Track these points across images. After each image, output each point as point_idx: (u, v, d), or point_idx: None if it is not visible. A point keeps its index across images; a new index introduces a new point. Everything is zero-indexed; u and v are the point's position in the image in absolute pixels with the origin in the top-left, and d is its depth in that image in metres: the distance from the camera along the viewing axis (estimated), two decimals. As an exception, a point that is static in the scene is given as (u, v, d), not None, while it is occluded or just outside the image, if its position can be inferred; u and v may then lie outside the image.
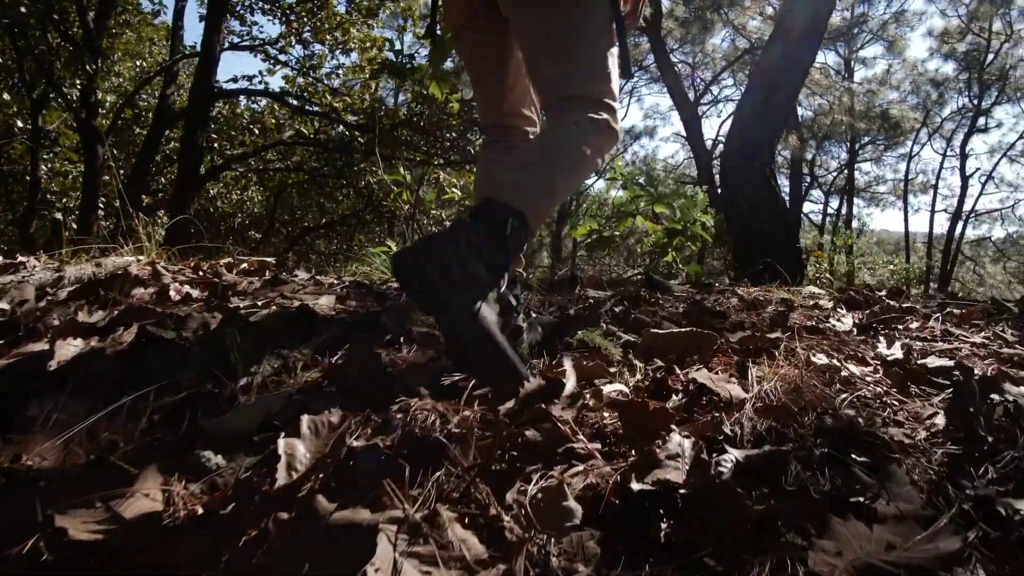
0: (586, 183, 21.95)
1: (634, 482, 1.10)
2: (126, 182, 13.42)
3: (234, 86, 14.94)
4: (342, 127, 14.52)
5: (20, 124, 13.93)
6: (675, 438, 1.24)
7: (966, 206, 25.78)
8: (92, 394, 1.43)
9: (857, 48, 25.12)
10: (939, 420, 1.40)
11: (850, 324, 2.33)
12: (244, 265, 2.86)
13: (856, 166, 28.21)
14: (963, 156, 25.65)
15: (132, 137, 17.24)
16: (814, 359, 1.70)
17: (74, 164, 15.52)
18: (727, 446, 1.24)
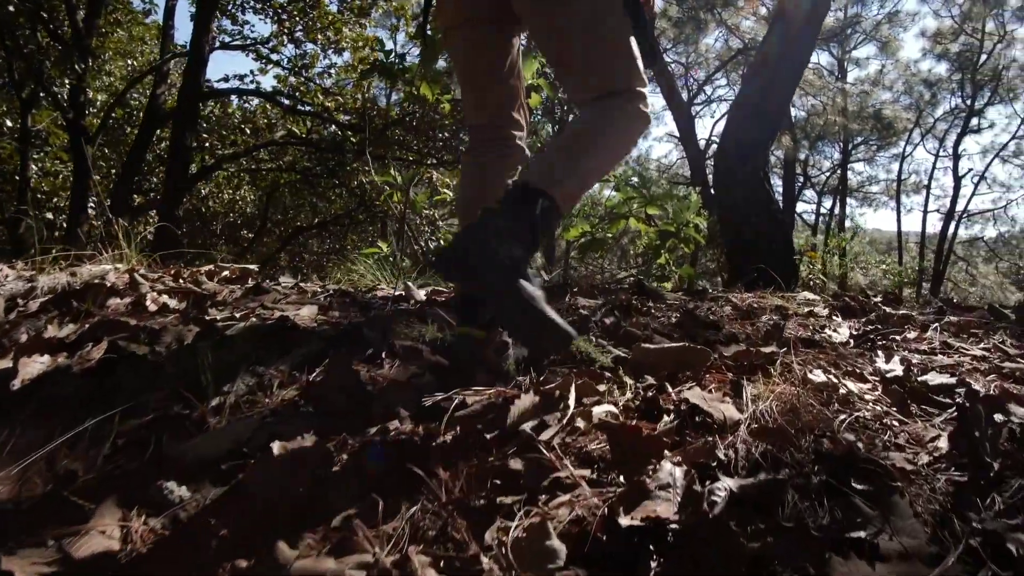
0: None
1: (622, 516, 1.04)
2: (117, 181, 13.34)
3: (225, 85, 14.84)
4: (334, 127, 14.43)
5: (9, 124, 13.81)
6: (666, 466, 1.18)
7: (958, 206, 25.82)
8: (54, 417, 1.36)
9: (850, 48, 25.14)
10: (942, 443, 1.34)
11: (846, 335, 2.27)
12: (226, 272, 2.79)
13: (849, 166, 28.23)
14: (956, 157, 25.67)
15: (123, 137, 17.11)
16: (811, 376, 1.64)
17: (64, 164, 15.40)
18: (721, 474, 1.18)
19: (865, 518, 1.08)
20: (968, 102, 24.80)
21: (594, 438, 1.33)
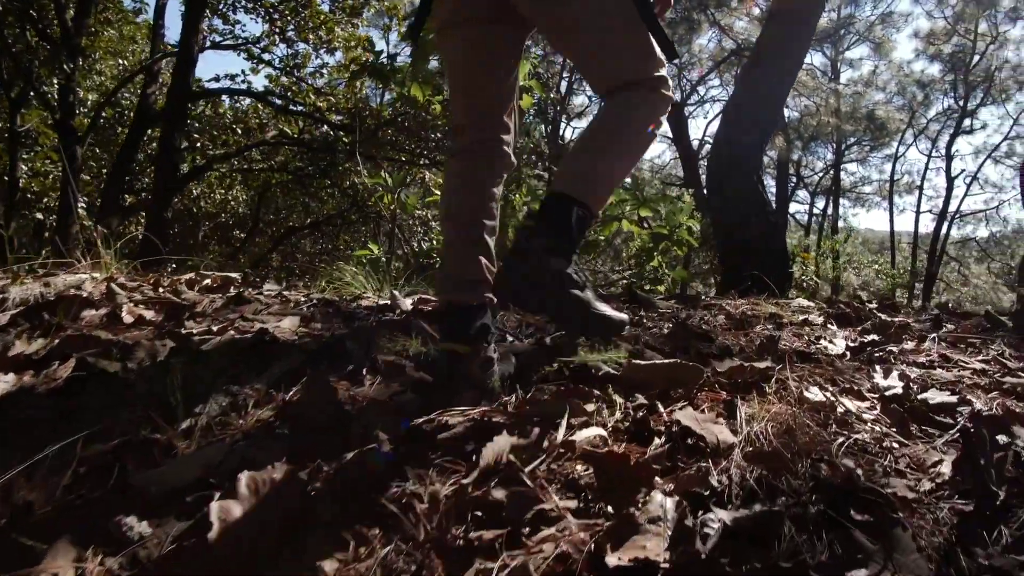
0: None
1: (610, 554, 0.98)
2: (107, 181, 13.23)
3: (216, 85, 14.75)
4: (326, 127, 14.34)
5: (-2, 123, 13.72)
6: (656, 497, 1.12)
7: (951, 207, 25.86)
8: (14, 442, 1.30)
9: (844, 49, 25.13)
10: (945, 468, 1.29)
11: (843, 346, 2.22)
12: (207, 281, 2.71)
13: (842, 167, 28.26)
14: (948, 157, 25.72)
15: (114, 136, 16.99)
16: (807, 394, 1.58)
17: (55, 164, 15.29)
18: (714, 506, 1.12)
19: (866, 553, 1.02)
20: (961, 103, 24.85)
21: (581, 463, 1.28)
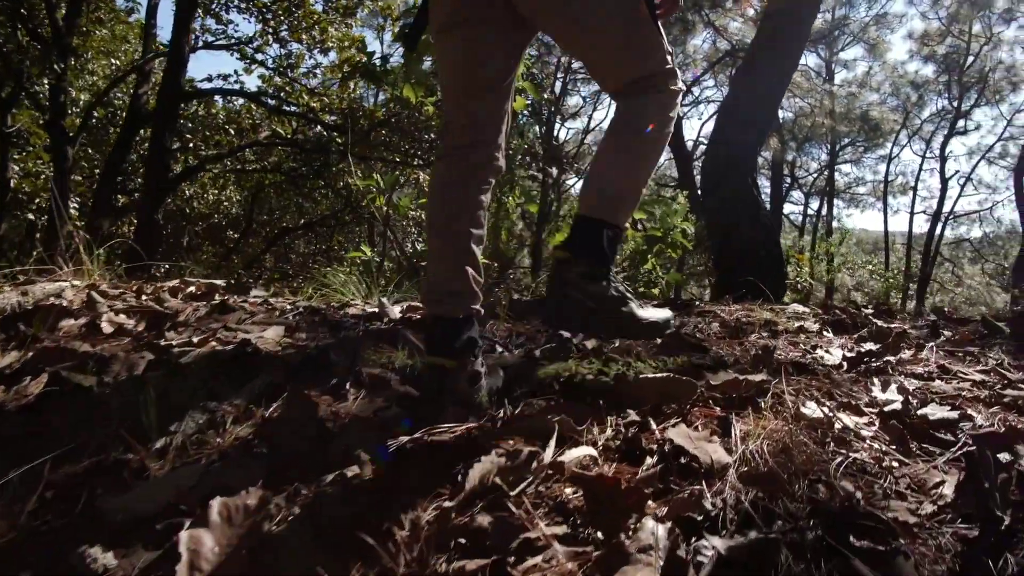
0: (568, 183, 21.82)
1: (598, 588, 0.93)
2: (99, 182, 13.14)
3: (209, 85, 14.66)
4: (319, 127, 14.26)
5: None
6: (648, 524, 1.07)
7: (945, 207, 25.88)
8: (-21, 464, 1.25)
9: (838, 50, 25.13)
10: (947, 490, 1.24)
11: (839, 356, 2.17)
12: (192, 288, 2.66)
13: (836, 167, 28.26)
14: (942, 158, 25.74)
15: (106, 137, 16.87)
16: (804, 409, 1.54)
17: (46, 164, 15.16)
18: (707, 533, 1.07)
19: (867, 585, 0.98)
20: (955, 104, 24.87)
21: (570, 485, 1.23)
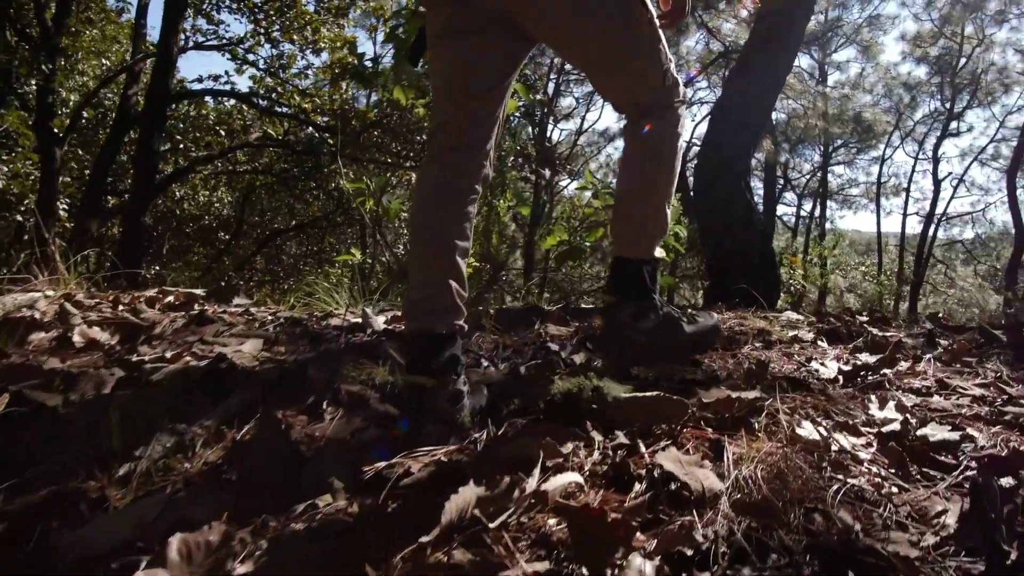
0: (560, 185, 21.78)
1: (581, 636, 0.87)
2: (88, 183, 13.03)
3: (200, 86, 14.57)
4: (311, 128, 14.18)
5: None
6: (635, 561, 1.01)
7: (938, 209, 25.92)
8: (-72, 495, 1.18)
9: (831, 51, 25.12)
10: (950, 519, 1.18)
11: (835, 369, 2.11)
12: (170, 298, 2.59)
13: (829, 169, 28.29)
14: (935, 160, 25.76)
15: (96, 138, 16.74)
16: (799, 430, 1.48)
17: (36, 165, 15.03)
18: (697, 571, 1.01)
19: (867, 630, 0.92)
20: (947, 105, 24.90)
21: (554, 516, 1.17)
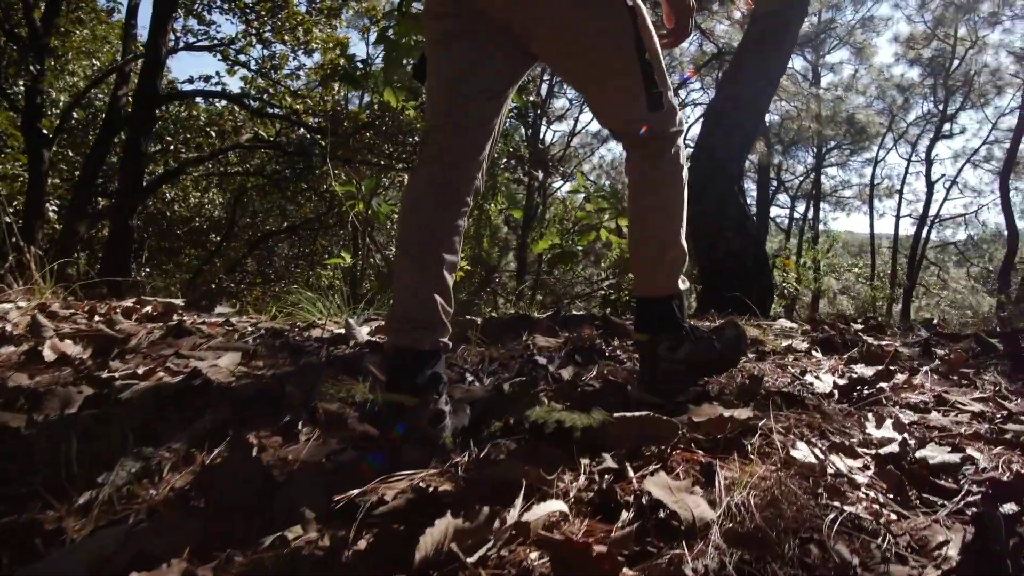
0: (554, 186, 21.72)
1: None
2: (77, 185, 12.91)
3: (190, 87, 14.46)
4: (303, 129, 14.09)
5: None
6: (621, 601, 0.96)
7: (931, 211, 25.94)
8: None
9: (824, 53, 25.14)
10: (952, 551, 1.12)
11: (830, 383, 2.06)
12: (148, 308, 2.51)
13: (822, 170, 28.30)
14: (928, 162, 25.79)
15: (86, 139, 16.61)
16: (794, 452, 1.42)
17: (25, 167, 14.91)
18: (688, 613, 0.95)
19: (867, 677, 0.86)
20: (940, 107, 24.93)
21: (536, 549, 1.11)
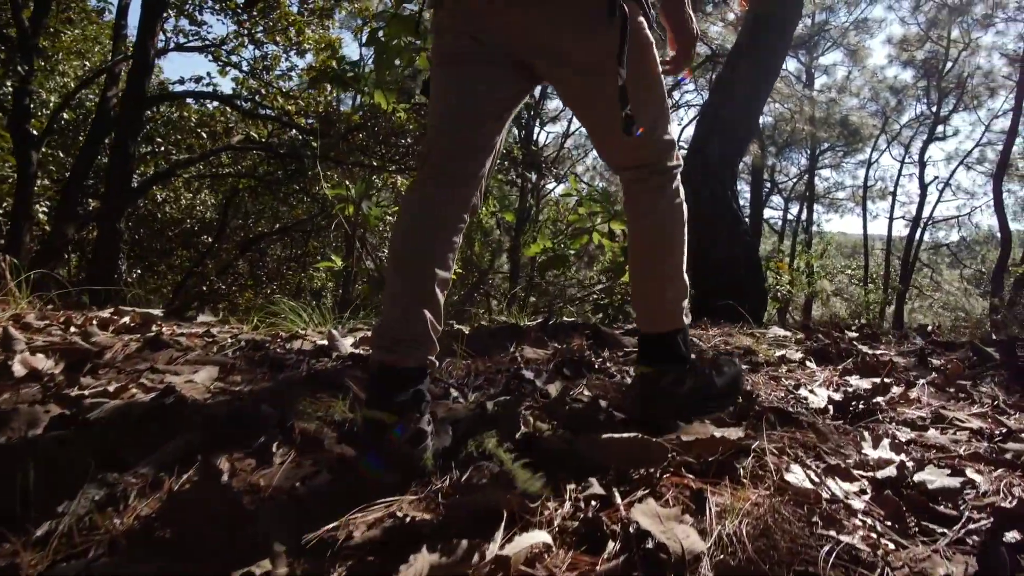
0: (547, 188, 21.66)
1: None
2: (65, 186, 12.81)
3: (181, 88, 14.36)
4: (294, 131, 14.00)
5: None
6: (605, 647, 0.90)
7: (924, 213, 25.96)
8: None
9: (818, 55, 25.14)
10: (952, 587, 1.07)
11: (825, 398, 2.01)
12: (126, 319, 2.45)
13: (816, 172, 28.32)
14: (922, 163, 25.81)
15: (76, 140, 16.49)
16: (788, 476, 1.36)
17: (13, 168, 14.80)
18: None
19: None
20: (933, 109, 24.95)
21: (518, 584, 1.05)
